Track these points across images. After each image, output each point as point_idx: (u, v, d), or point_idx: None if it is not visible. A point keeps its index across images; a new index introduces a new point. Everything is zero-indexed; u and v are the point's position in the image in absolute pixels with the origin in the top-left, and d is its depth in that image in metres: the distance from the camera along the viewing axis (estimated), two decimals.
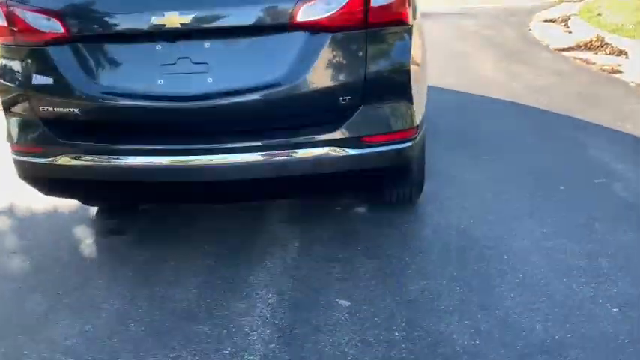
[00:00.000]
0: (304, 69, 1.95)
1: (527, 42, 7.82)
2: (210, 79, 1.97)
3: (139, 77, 2.01)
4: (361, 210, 2.86)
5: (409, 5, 2.07)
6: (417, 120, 2.15)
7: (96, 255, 2.61)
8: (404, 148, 2.11)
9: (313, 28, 1.92)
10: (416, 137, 2.15)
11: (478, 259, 2.35)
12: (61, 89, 2.01)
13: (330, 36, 1.93)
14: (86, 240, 2.72)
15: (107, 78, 2.04)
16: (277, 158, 2.01)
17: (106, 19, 1.98)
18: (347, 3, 1.90)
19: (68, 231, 2.80)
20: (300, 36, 1.94)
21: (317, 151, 2.01)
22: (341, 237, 2.58)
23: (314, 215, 2.80)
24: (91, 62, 2.01)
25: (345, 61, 1.98)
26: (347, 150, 2.02)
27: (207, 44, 1.96)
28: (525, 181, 3.08)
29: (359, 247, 2.49)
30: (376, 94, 2.03)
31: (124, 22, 1.97)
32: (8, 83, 2.09)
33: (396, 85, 2.06)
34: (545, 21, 9.84)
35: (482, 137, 3.85)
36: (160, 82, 1.98)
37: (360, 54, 1.97)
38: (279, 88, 1.96)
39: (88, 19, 2.00)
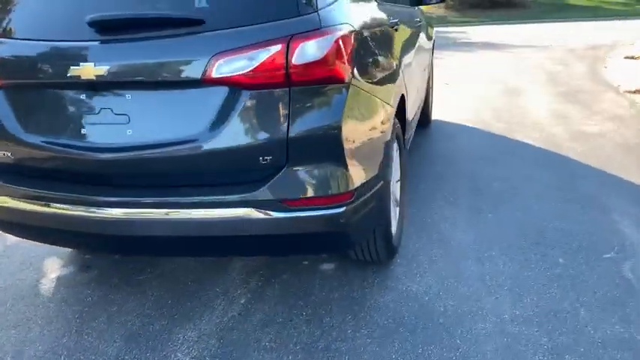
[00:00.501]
0: (221, 126, 1.83)
1: (595, 80, 7.27)
2: (129, 132, 1.90)
3: (64, 125, 1.98)
4: (328, 266, 2.68)
5: (348, 61, 1.89)
6: (355, 184, 1.95)
7: (46, 292, 2.59)
8: (335, 214, 1.92)
9: (230, 84, 1.80)
10: (351, 202, 1.95)
11: (427, 342, 2.09)
12: None
13: (248, 93, 1.80)
14: (42, 275, 2.72)
15: (35, 125, 2.03)
16: (192, 216, 1.89)
17: (31, 67, 1.97)
18: (265, 60, 1.76)
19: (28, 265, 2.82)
20: (217, 92, 1.82)
21: (235, 211, 1.87)
22: (293, 296, 2.41)
23: (278, 268, 2.65)
24: (21, 109, 2.01)
25: (265, 120, 1.83)
26: (268, 212, 1.87)
27: (128, 95, 1.89)
28: (521, 247, 2.76)
29: (305, 311, 2.31)
30: (302, 155, 1.86)
31: (47, 72, 1.95)
32: None
33: (324, 147, 1.88)
34: (626, 58, 9.15)
35: (491, 188, 3.56)
36: (83, 131, 1.94)
37: (283, 113, 1.82)
38: (195, 144, 1.85)
39: (16, 67, 2.01)
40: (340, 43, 1.85)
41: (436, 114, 5.37)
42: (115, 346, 2.14)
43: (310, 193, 1.89)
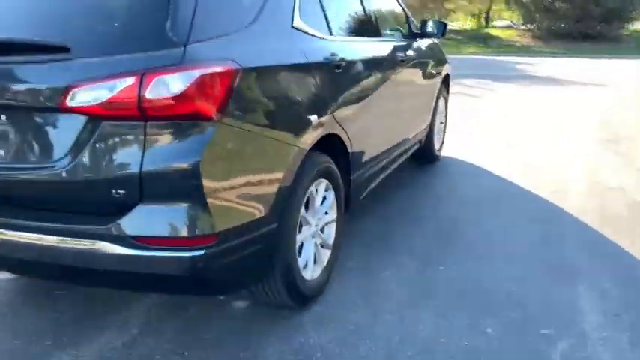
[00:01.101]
0: (77, 155, 1.80)
1: None
2: (9, 154, 1.92)
3: None
4: (241, 304, 2.58)
5: (218, 99, 1.81)
6: (218, 227, 1.85)
7: None
8: (191, 257, 1.83)
9: (86, 113, 1.77)
10: (214, 246, 1.85)
11: None
12: None
13: (103, 124, 1.76)
14: None
15: None
16: (43, 242, 1.87)
17: None
18: (118, 92, 1.71)
19: None
20: (74, 120, 1.80)
21: (86, 242, 1.83)
22: (187, 333, 2.33)
23: (192, 300, 2.58)
24: None
25: (119, 153, 1.78)
26: (119, 247, 1.81)
27: (3, 117, 1.91)
28: (453, 308, 2.52)
29: (187, 351, 2.22)
30: (157, 192, 1.79)
31: None
32: None
33: (181, 186, 1.80)
34: None
35: (463, 239, 3.30)
36: None
37: (137, 147, 1.76)
38: (52, 171, 1.83)
39: None
40: (206, 79, 1.77)
41: (450, 150, 5.13)
42: None
43: (164, 232, 1.82)
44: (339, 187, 2.69)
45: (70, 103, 1.75)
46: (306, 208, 2.44)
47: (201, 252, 1.83)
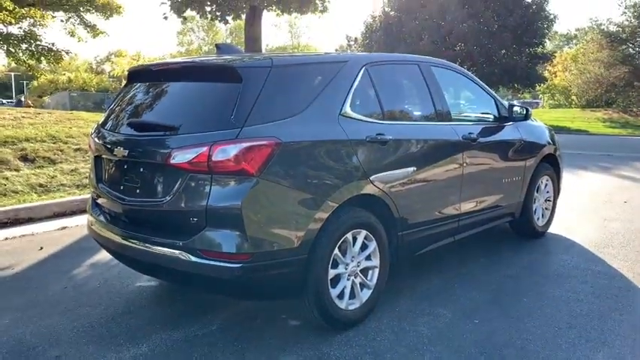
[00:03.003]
0: (173, 194, 2.83)
1: None
2: (138, 191, 3.06)
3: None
4: (295, 322, 3.32)
5: (258, 162, 2.70)
6: (252, 249, 2.70)
7: None
8: (235, 267, 2.70)
9: (178, 168, 2.80)
10: (248, 262, 2.71)
11: None
12: None
13: (188, 175, 2.78)
14: None
15: None
16: (148, 249, 2.92)
17: None
18: (197, 155, 2.72)
19: None
20: (172, 172, 2.85)
21: (172, 251, 2.83)
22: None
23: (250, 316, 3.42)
24: None
25: (196, 194, 2.76)
26: (191, 256, 2.77)
27: (140, 168, 3.07)
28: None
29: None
30: (216, 221, 2.72)
31: None
32: None
33: (229, 218, 2.70)
34: None
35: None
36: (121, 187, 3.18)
37: (206, 190, 2.73)
38: (159, 204, 2.89)
39: None
40: (251, 149, 2.69)
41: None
42: None
43: (217, 248, 2.73)
44: (381, 239, 3.34)
45: (171, 161, 2.81)
46: (344, 250, 3.15)
47: (239, 265, 2.70)
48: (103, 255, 4.28)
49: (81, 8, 16.84)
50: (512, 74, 27.07)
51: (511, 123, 4.64)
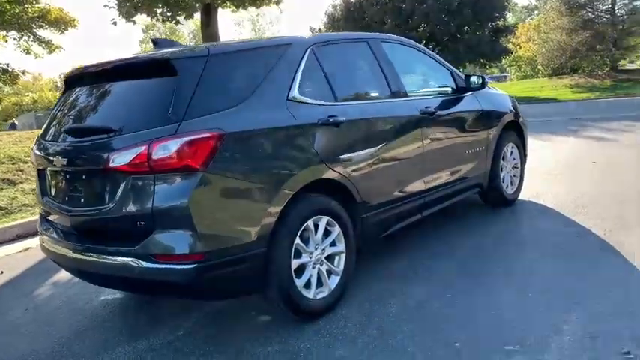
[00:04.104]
0: (116, 199, 2.69)
1: None
2: (82, 201, 2.92)
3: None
4: (264, 318, 3.22)
5: (202, 156, 2.58)
6: (204, 248, 2.58)
7: None
8: (189, 269, 2.57)
9: (119, 172, 2.66)
10: (203, 261, 2.58)
11: None
12: None
13: (128, 178, 2.64)
14: None
15: None
16: (99, 260, 2.78)
17: None
18: (136, 155, 2.59)
19: None
20: (112, 176, 2.71)
21: (122, 259, 2.69)
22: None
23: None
24: None
25: (140, 197, 2.62)
26: (142, 262, 2.63)
27: (83, 176, 2.92)
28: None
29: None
30: (164, 223, 2.59)
31: None
32: None
33: (178, 218, 2.57)
34: None
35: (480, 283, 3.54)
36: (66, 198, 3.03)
37: (150, 192, 2.59)
38: (102, 211, 2.75)
39: None
40: (191, 143, 2.57)
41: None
42: None
43: (168, 251, 2.60)
44: (344, 224, 3.24)
45: (111, 165, 2.67)
46: (306, 238, 3.05)
47: (193, 265, 2.58)
48: (66, 273, 4.12)
49: (33, 25, 16.40)
50: (477, 50, 27.26)
51: (470, 93, 4.58)
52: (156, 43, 3.40)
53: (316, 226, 3.11)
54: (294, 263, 2.96)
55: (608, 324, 2.73)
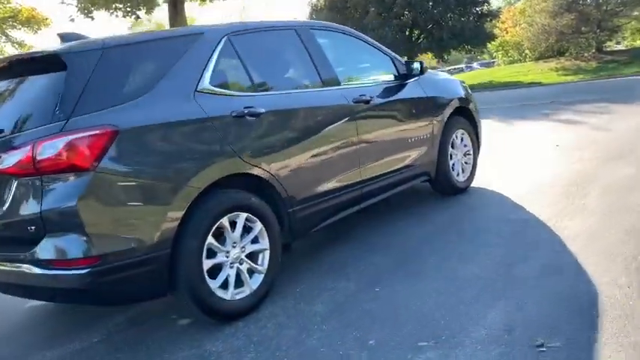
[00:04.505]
0: (6, 204, 2.56)
1: None
2: None
3: None
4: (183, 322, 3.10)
5: (92, 154, 2.43)
6: (99, 251, 2.45)
7: None
8: (82, 274, 2.44)
9: (7, 174, 2.52)
10: (98, 265, 2.45)
11: None
12: None
13: (18, 180, 2.50)
14: None
15: None
16: None
17: None
18: (22, 156, 2.45)
19: None
20: (1, 179, 2.57)
21: (17, 266, 2.55)
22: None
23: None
24: None
25: (29, 200, 2.49)
26: (35, 268, 2.50)
27: None
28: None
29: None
30: (54, 226, 2.45)
31: None
32: None
33: (69, 221, 2.42)
34: None
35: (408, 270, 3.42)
36: None
37: (38, 194, 2.45)
38: None
39: None
40: (79, 141, 2.42)
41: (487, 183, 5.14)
42: None
43: (61, 256, 2.47)
44: (267, 220, 3.11)
45: None
46: (222, 237, 2.91)
47: (87, 270, 2.44)
48: None
49: (4, 25, 16.14)
50: (461, 36, 27.01)
51: (413, 80, 4.44)
52: (63, 37, 3.24)
53: (233, 224, 2.98)
54: (207, 264, 2.83)
55: (529, 316, 2.62)
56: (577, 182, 4.82)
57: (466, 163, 5.04)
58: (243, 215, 3.01)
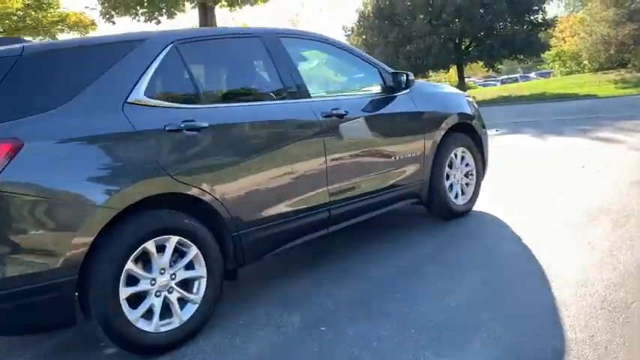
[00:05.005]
0: None
1: None
2: None
3: None
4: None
5: None
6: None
7: None
8: None
9: None
10: None
11: None
12: None
13: None
14: None
15: None
16: None
17: None
18: None
19: None
20: None
21: None
22: None
23: None
24: None
25: None
26: None
27: None
28: None
29: None
30: None
31: None
32: None
33: None
34: None
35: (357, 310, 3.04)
36: None
37: None
38: None
39: None
40: None
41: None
42: None
43: None
44: (205, 244, 2.83)
45: None
46: (147, 262, 2.66)
47: None
48: None
49: (53, 29, 16.76)
50: (513, 45, 26.01)
51: (404, 93, 4.06)
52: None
53: (162, 247, 2.71)
54: (125, 292, 2.57)
55: None
56: (590, 212, 4.29)
57: (467, 184, 4.60)
58: (174, 239, 2.74)
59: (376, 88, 4.01)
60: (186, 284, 2.81)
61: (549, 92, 24.02)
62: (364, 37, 31.27)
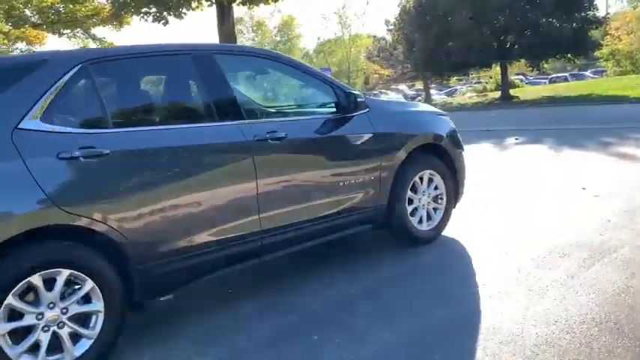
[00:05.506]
0: None
1: None
2: None
3: None
4: None
5: None
6: None
7: None
8: None
9: None
10: None
11: None
12: None
13: None
14: None
15: None
16: None
17: None
18: None
19: None
20: None
21: None
22: None
23: None
24: None
25: None
26: None
27: None
28: None
29: None
30: None
31: None
32: None
33: None
34: None
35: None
36: None
37: None
38: None
39: None
40: None
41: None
42: None
43: None
44: (103, 277, 2.70)
45: None
46: (33, 296, 2.54)
47: None
48: None
49: (87, 23, 17.11)
50: (558, 44, 24.75)
51: (360, 112, 3.80)
52: None
53: (51, 281, 2.59)
54: (6, 327, 2.47)
55: None
56: (564, 249, 3.91)
57: (435, 209, 4.30)
58: (65, 272, 2.61)
59: (328, 109, 3.77)
60: (80, 319, 2.68)
61: (597, 94, 22.84)
62: (405, 32, 30.67)
